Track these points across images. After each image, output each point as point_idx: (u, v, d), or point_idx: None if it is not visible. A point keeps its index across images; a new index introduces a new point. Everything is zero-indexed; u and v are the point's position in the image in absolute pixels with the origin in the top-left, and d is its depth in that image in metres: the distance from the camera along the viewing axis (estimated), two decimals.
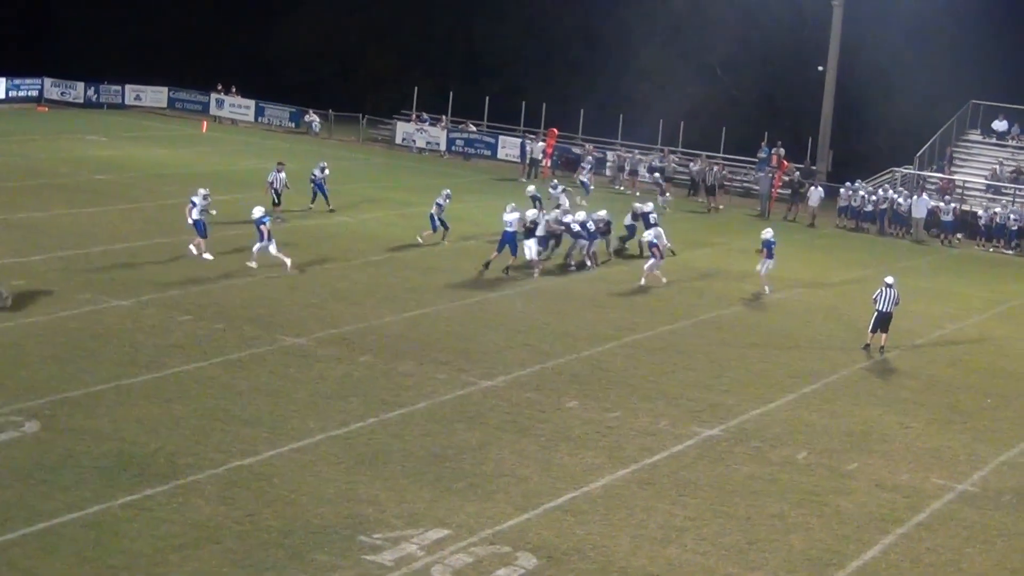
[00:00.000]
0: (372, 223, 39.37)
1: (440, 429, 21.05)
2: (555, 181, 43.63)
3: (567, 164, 56.09)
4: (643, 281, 33.24)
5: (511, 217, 33.73)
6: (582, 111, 58.54)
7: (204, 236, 32.47)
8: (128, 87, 66.81)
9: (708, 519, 18.27)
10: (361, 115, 63.02)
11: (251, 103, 65.85)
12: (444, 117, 61.69)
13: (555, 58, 67.09)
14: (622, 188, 52.98)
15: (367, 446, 19.95)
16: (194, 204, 32.55)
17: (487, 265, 32.95)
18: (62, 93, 65.15)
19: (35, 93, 64.72)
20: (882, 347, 28.47)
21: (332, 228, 37.78)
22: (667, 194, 46.14)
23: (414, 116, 62.61)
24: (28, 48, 67.55)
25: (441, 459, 19.66)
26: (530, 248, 33.48)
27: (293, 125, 64.51)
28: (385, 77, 70.49)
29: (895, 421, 23.74)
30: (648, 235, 34.73)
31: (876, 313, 28.39)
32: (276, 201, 37.75)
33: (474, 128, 60.83)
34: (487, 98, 61.16)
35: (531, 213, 34.08)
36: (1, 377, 21.77)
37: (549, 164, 55.38)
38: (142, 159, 49.28)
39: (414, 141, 60.97)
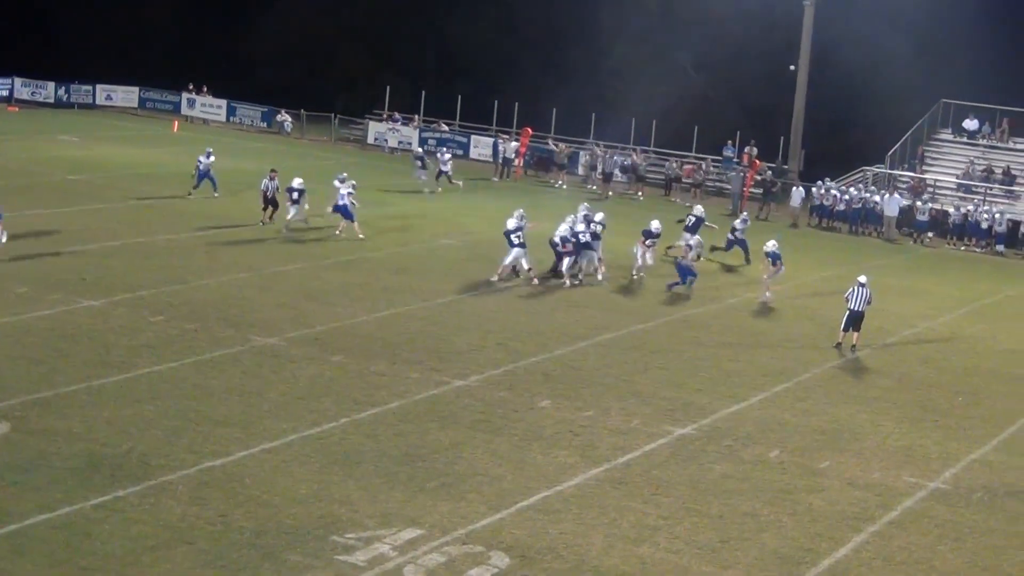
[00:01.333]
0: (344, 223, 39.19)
1: (413, 429, 21.02)
2: (344, 175, 39.74)
3: (540, 164, 56.09)
4: (567, 282, 32.93)
5: (565, 228, 33.31)
6: (554, 110, 58.53)
7: None
8: (99, 87, 66.59)
9: (681, 518, 18.29)
10: (333, 115, 62.88)
11: (223, 103, 65.70)
12: (416, 117, 61.64)
13: (527, 57, 67.02)
14: (594, 188, 52.99)
15: (340, 446, 19.92)
16: None
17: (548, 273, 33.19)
18: (32, 93, 64.84)
19: (5, 93, 64.39)
20: (853, 345, 28.55)
21: (304, 229, 37.59)
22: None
23: (386, 116, 62.54)
24: None
25: (414, 459, 19.63)
26: (517, 257, 32.78)
27: (265, 125, 64.40)
28: (357, 77, 70.36)
29: (867, 419, 23.81)
30: (561, 230, 33.38)
31: (848, 312, 28.47)
32: (268, 208, 37.53)
33: (446, 128, 60.76)
34: (459, 97, 61.12)
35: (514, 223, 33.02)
36: None
37: (521, 164, 55.32)
38: (114, 159, 49.07)
39: (386, 141, 60.90)
